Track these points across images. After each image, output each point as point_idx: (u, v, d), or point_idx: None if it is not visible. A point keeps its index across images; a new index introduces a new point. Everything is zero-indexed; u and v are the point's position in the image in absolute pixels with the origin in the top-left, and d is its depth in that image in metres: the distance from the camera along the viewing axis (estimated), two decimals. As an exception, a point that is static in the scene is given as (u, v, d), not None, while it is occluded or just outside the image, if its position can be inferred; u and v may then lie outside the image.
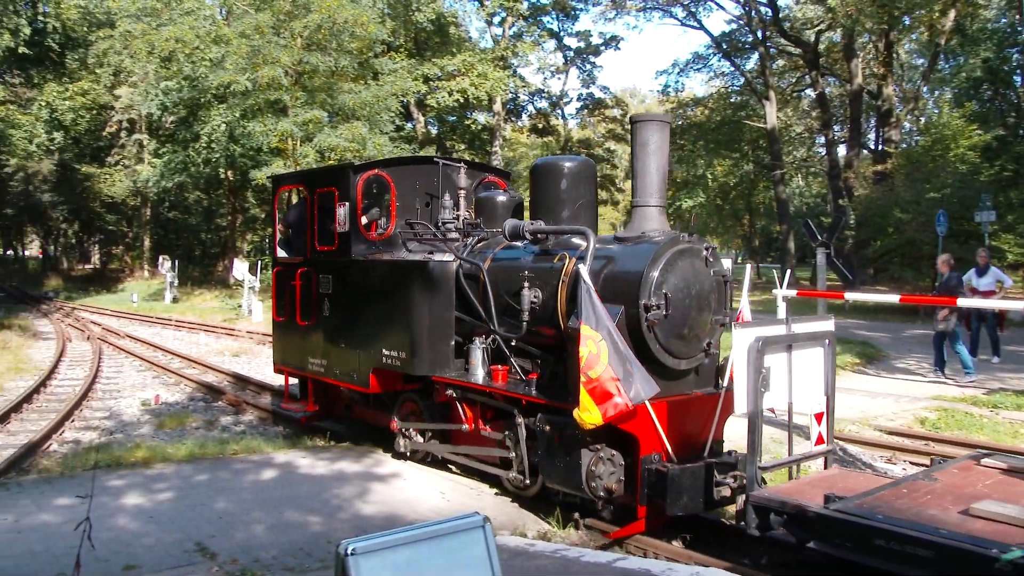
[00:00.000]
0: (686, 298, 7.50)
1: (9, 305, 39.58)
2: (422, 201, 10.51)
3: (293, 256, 11.51)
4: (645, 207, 7.99)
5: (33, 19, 50.36)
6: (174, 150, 42.98)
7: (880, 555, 4.98)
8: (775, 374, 6.52)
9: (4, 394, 16.38)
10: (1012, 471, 6.35)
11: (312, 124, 30.81)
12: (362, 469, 9.57)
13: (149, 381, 18.10)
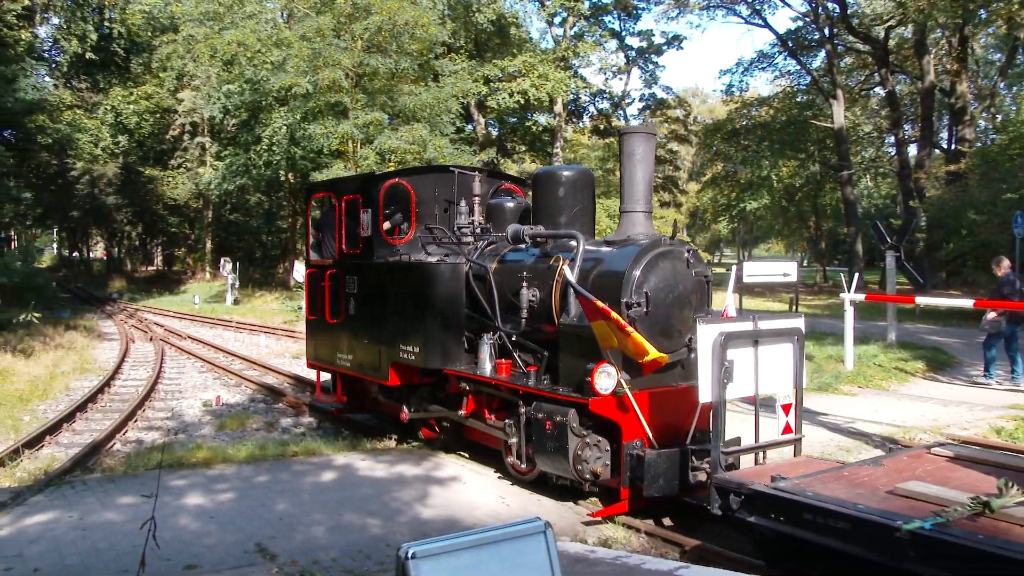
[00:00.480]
0: (667, 296, 8.33)
1: (75, 306, 40.53)
2: (441, 207, 11.36)
3: (323, 259, 12.44)
4: (632, 213, 8.90)
5: (100, 25, 51.70)
6: (235, 153, 43.60)
7: (809, 528, 5.64)
8: (740, 367, 7.12)
9: (69, 394, 16.80)
10: (956, 459, 6.87)
11: (372, 126, 31.06)
12: (421, 472, 9.62)
13: (210, 382, 18.42)
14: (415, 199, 11.20)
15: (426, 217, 11.26)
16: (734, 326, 7.26)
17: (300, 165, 38.22)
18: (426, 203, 11.27)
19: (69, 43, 50.27)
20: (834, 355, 17.97)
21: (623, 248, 8.60)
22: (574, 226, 9.52)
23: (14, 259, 25.05)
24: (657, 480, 7.72)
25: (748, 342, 7.26)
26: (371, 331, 11.14)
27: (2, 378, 16.96)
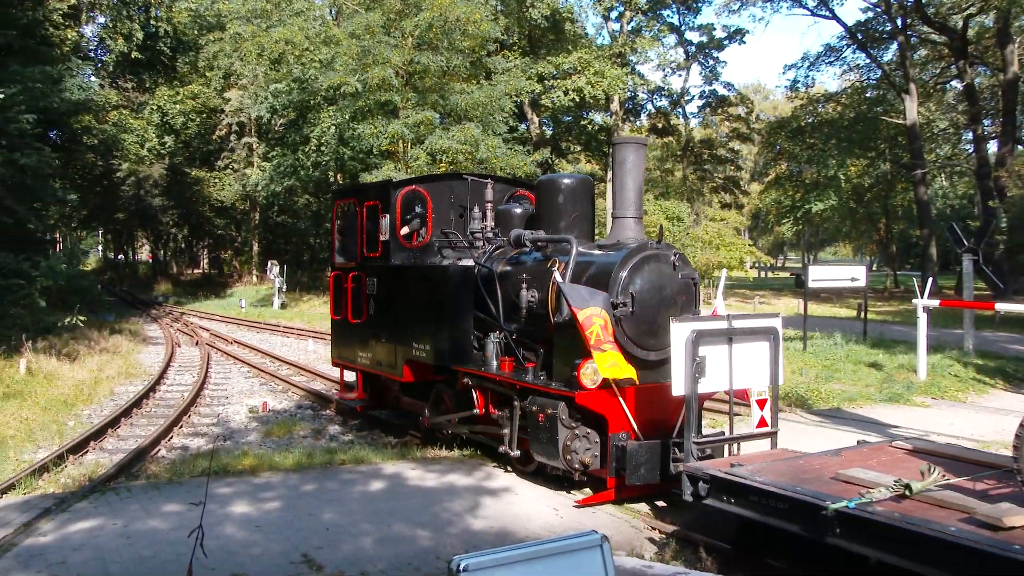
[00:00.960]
0: (652, 297, 9.09)
1: (120, 309, 41.29)
2: (456, 213, 12.32)
3: (347, 262, 13.50)
4: (623, 218, 9.72)
5: (146, 24, 52.71)
6: (283, 153, 44.00)
7: (755, 508, 6.52)
8: (713, 363, 7.92)
9: (114, 399, 17.11)
10: (913, 451, 7.62)
11: (423, 126, 31.21)
12: (473, 482, 9.63)
13: (257, 388, 18.64)
14: (431, 205, 12.10)
15: (442, 222, 12.17)
16: (707, 324, 8.05)
17: (349, 166, 38.47)
18: (442, 209, 12.20)
19: (115, 42, 51.40)
20: (906, 364, 17.66)
21: (611, 252, 9.44)
22: (573, 231, 10.41)
23: (59, 261, 25.53)
24: (639, 469, 8.50)
25: (722, 340, 8.07)
26: (388, 330, 12.12)
27: (47, 382, 17.32)
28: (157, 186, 62.36)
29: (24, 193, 27.47)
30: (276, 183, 43.32)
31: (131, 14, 51.38)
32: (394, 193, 11.95)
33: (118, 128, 50.46)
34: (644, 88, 53.23)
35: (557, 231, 10.46)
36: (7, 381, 16.72)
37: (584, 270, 9.41)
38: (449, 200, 12.31)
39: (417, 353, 11.35)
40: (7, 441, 12.47)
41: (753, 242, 62.28)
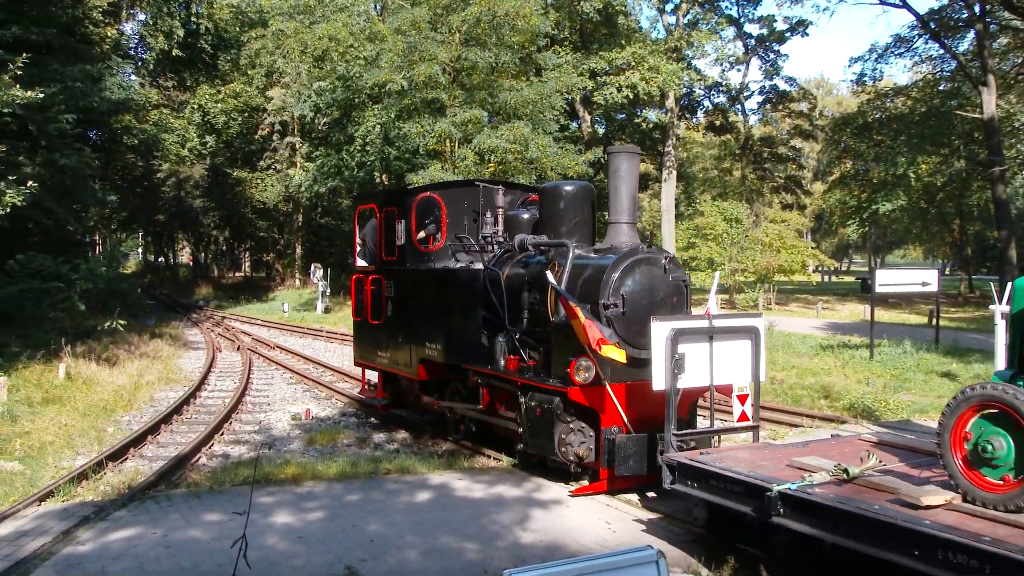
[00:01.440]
0: (643, 298, 9.94)
1: (160, 313, 41.84)
2: (470, 218, 13.17)
3: (367, 265, 14.65)
4: (618, 224, 10.62)
5: (186, 21, 53.39)
6: (327, 153, 44.31)
7: (714, 491, 7.50)
8: (694, 360, 8.71)
9: (154, 404, 17.35)
10: (879, 443, 8.42)
11: (471, 124, 31.24)
12: (522, 494, 9.62)
13: (300, 395, 18.80)
14: (445, 211, 12.98)
15: (456, 227, 13.08)
16: (687, 323, 8.90)
17: (395, 166, 38.62)
18: (455, 214, 13.09)
19: (155, 40, 52.15)
20: (982, 374, 17.34)
21: (604, 255, 10.34)
22: (574, 235, 11.31)
23: (99, 264, 25.94)
24: (627, 461, 9.32)
25: (703, 338, 8.87)
26: (404, 331, 13.25)
27: (86, 387, 17.61)
28: (198, 187, 63.15)
29: (64, 194, 27.99)
30: (320, 184, 43.61)
31: (172, 11, 52.07)
32: (409, 199, 13.08)
33: (158, 128, 51.12)
34: (701, 84, 52.92)
35: (559, 235, 11.32)
36: (46, 386, 17.04)
37: (580, 273, 10.32)
38: (463, 206, 13.16)
39: (430, 352, 12.42)
40: (46, 447, 12.71)
41: (816, 245, 61.59)
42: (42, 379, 17.62)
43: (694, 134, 68.09)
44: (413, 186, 13.65)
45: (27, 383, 17.05)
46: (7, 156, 19.55)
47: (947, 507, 6.13)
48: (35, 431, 13.35)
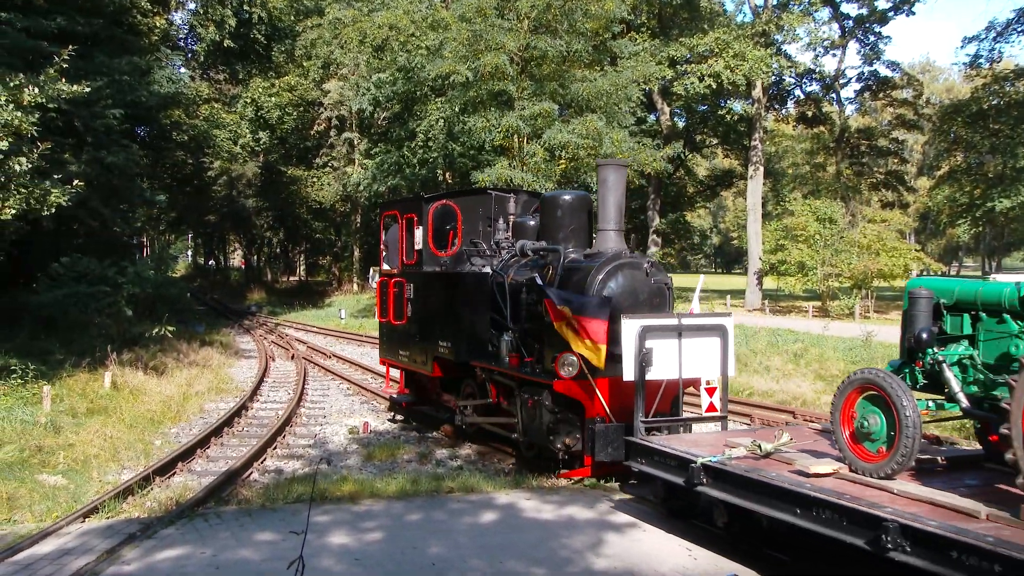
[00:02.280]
0: (625, 299, 11.51)
1: (210, 320, 42.39)
2: (484, 224, 15.09)
3: (391, 269, 16.49)
4: (605, 231, 12.35)
5: (239, 9, 54.01)
6: (387, 149, 44.52)
7: (656, 465, 9.19)
8: (663, 355, 10.24)
9: (204, 416, 17.60)
10: (820, 432, 9.64)
11: (541, 118, 31.16)
12: (595, 516, 9.55)
13: (357, 407, 18.93)
14: (460, 217, 14.81)
15: (471, 233, 14.96)
16: (655, 321, 10.41)
17: (459, 163, 38.73)
18: (470, 221, 14.98)
19: (206, 30, 52.96)
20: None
21: (590, 260, 11.99)
22: (571, 241, 12.97)
23: (147, 267, 26.41)
24: (607, 448, 10.78)
25: (672, 335, 10.37)
26: (421, 330, 15.09)
27: (133, 397, 17.90)
28: (251, 186, 63.96)
29: (110, 194, 28.48)
30: (379, 182, 43.76)
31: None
32: (426, 207, 14.83)
33: (209, 123, 51.68)
34: (791, 71, 52.15)
35: (556, 241, 13.00)
36: (91, 396, 17.34)
37: (569, 276, 12.06)
38: (477, 213, 15.07)
39: (442, 350, 14.26)
40: (90, 460, 12.94)
41: (920, 247, 60.33)
42: (87, 388, 17.93)
43: (783, 126, 67.26)
44: (430, 194, 15.15)
45: (71, 392, 17.37)
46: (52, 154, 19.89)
47: (836, 476, 7.68)
48: (79, 443, 13.60)
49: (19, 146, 16.85)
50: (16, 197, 16.78)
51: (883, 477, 7.36)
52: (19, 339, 22.38)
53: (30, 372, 17.49)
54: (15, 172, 16.61)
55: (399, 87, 39.48)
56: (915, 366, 7.95)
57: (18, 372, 17.26)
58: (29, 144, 17.25)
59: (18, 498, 10.65)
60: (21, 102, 16.33)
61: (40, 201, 17.47)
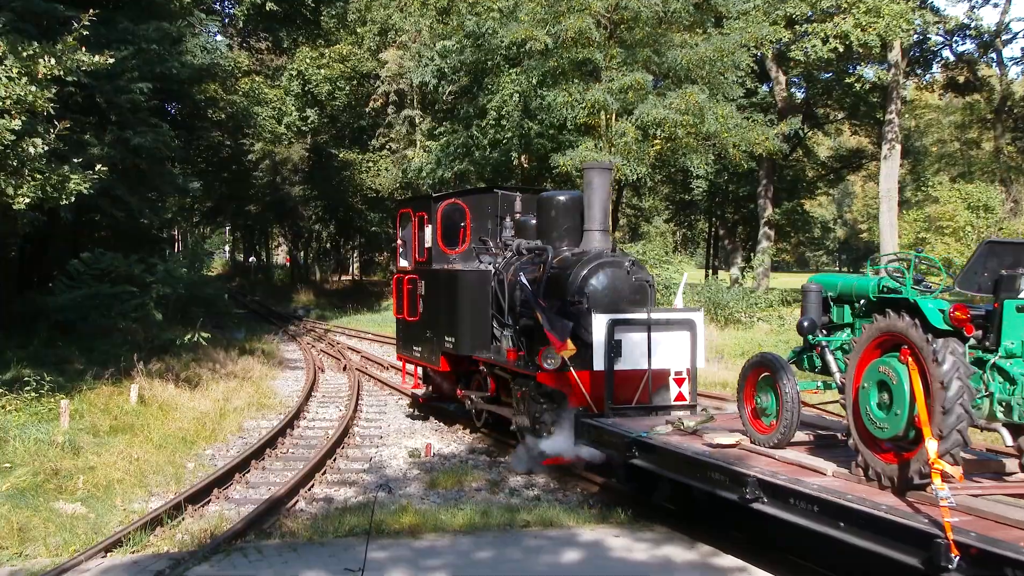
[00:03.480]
0: (606, 296, 14.15)
1: (251, 324, 42.75)
2: (493, 222, 17.92)
3: (406, 266, 19.42)
4: (591, 231, 15.03)
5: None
6: (453, 129, 44.36)
7: (602, 443, 11.95)
8: (632, 347, 13.30)
9: (243, 435, 17.79)
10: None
11: (632, 91, 30.96)
12: (696, 558, 9.50)
13: (419, 426, 19.04)
14: (469, 216, 17.80)
15: (480, 231, 17.90)
16: (625, 315, 13.53)
17: (536, 145, 38.54)
18: (479, 219, 17.92)
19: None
20: None
21: (575, 259, 14.70)
22: (564, 240, 15.64)
23: (179, 265, 26.83)
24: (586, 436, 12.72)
25: (641, 328, 13.46)
26: (431, 326, 17.88)
27: (163, 414, 18.14)
28: (297, 171, 64.41)
29: (137, 180, 28.92)
30: (444, 167, 43.56)
31: (266, -46, 52.99)
32: (435, 206, 17.65)
33: (250, 99, 52.04)
34: (939, 28, 50.70)
35: (551, 241, 15.75)
36: (115, 411, 17.62)
37: (555, 274, 14.74)
38: (486, 211, 17.95)
39: (448, 345, 17.04)
40: (114, 486, 13.12)
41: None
42: (110, 403, 18.21)
43: (927, 95, 65.70)
44: (439, 194, 18.38)
45: (92, 407, 17.67)
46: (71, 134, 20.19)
47: (739, 447, 10.34)
48: (101, 466, 13.79)
49: (34, 125, 17.09)
50: (31, 184, 16.95)
51: (772, 446, 10.03)
52: (33, 346, 22.79)
53: (46, 384, 17.62)
54: (29, 155, 16.76)
55: (467, 56, 39.36)
56: (814, 352, 10.33)
57: (32, 384, 17.40)
58: (45, 123, 17.51)
59: (31, 529, 10.81)
60: (36, 74, 16.47)
61: (58, 188, 17.66)
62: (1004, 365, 8.32)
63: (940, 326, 7.92)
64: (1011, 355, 8.37)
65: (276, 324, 46.82)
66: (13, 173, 16.85)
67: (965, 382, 7.79)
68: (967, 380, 7.82)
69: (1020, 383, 8.19)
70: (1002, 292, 8.50)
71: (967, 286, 9.04)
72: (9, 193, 16.68)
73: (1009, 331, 8.36)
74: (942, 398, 7.75)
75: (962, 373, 7.78)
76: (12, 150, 16.49)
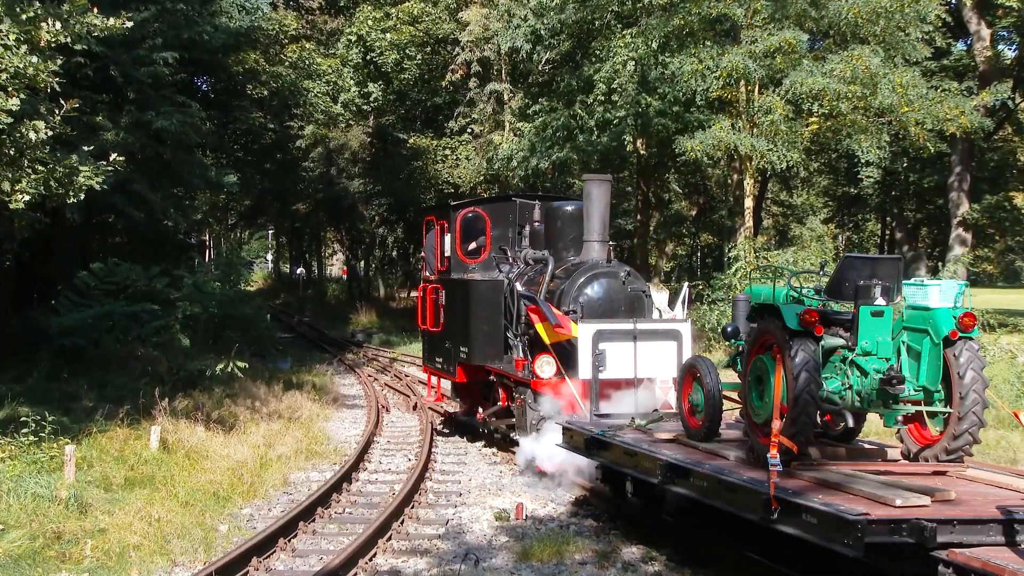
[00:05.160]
0: (600, 306, 18.59)
1: (299, 351, 43.04)
2: (514, 231, 21.80)
3: (430, 275, 23.64)
4: (590, 242, 19.45)
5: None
6: (551, 107, 44.18)
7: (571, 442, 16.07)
8: (618, 357, 16.91)
9: (288, 490, 17.89)
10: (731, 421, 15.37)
11: (782, 55, 30.62)
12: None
13: (507, 480, 19.03)
14: (489, 224, 21.70)
15: (501, 240, 21.82)
16: (609, 325, 17.30)
17: (656, 126, 38.33)
18: (500, 227, 21.85)
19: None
20: None
21: (572, 269, 19.06)
22: (570, 250, 20.14)
23: (210, 278, 27.03)
24: None
25: (627, 338, 16.91)
26: (449, 336, 21.94)
27: (189, 463, 18.24)
28: (357, 161, 64.64)
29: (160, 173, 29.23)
30: (540, 155, 43.34)
31: None
32: (453, 214, 21.54)
33: (299, 72, 52.41)
34: None
35: (558, 250, 20.20)
36: (132, 460, 17.75)
37: (554, 284, 19.12)
38: (507, 219, 21.78)
39: (463, 355, 21.02)
40: (128, 553, 13.20)
41: None
42: (126, 449, 18.38)
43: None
44: (457, 202, 22.16)
45: (104, 455, 17.85)
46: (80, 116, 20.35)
47: (676, 441, 13.96)
48: (114, 528, 13.89)
49: (35, 105, 17.25)
50: (31, 178, 16.95)
51: (700, 439, 13.57)
52: (33, 379, 23.03)
53: (47, 426, 17.45)
54: (29, 142, 16.81)
55: (569, 15, 39.30)
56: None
57: (31, 426, 17.27)
58: (48, 102, 17.70)
59: (28, 608, 10.91)
60: (38, 42, 16.51)
61: (64, 183, 17.72)
62: (860, 361, 11.88)
63: (795, 327, 11.26)
64: (866, 352, 11.90)
65: (330, 352, 47.17)
66: (10, 164, 16.85)
67: (812, 374, 11.20)
68: (814, 372, 11.23)
69: (870, 376, 11.72)
70: (860, 300, 11.94)
71: (834, 295, 12.51)
72: (4, 189, 16.68)
73: (864, 333, 11.94)
74: (793, 387, 11.17)
75: (810, 367, 11.20)
76: (9, 136, 16.49)
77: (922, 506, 9.76)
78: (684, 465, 12.30)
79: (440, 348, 22.48)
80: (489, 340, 20.32)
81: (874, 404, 11.87)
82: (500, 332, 20.35)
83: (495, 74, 54.24)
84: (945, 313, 11.72)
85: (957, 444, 11.76)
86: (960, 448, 11.79)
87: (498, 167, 48.69)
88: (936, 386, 11.85)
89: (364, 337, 55.31)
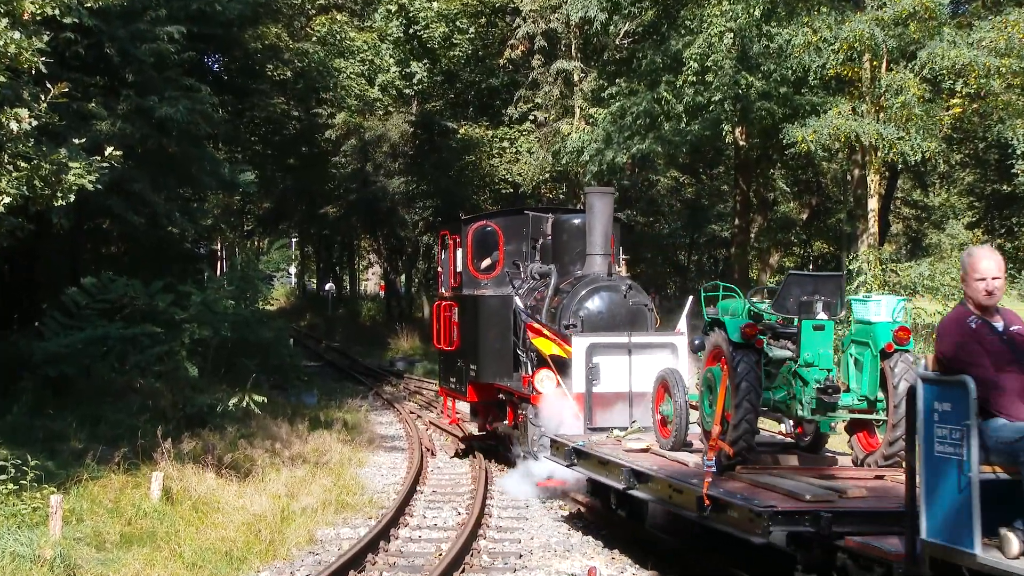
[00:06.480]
0: (601, 320, 22.02)
1: (328, 383, 43.15)
2: (528, 245, 24.90)
3: (445, 291, 27.68)
4: (592, 255, 22.82)
5: None
6: (631, 90, 43.87)
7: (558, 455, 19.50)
8: (613, 370, 20.67)
9: (315, 550, 17.90)
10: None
11: (916, 22, 30.30)
12: None
13: (577, 540, 18.95)
14: (502, 238, 25.03)
15: (513, 254, 25.06)
16: (602, 338, 20.92)
17: (759, 111, 38.14)
18: (513, 242, 25.17)
19: None
20: None
21: (573, 283, 22.22)
22: (574, 265, 23.12)
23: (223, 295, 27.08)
24: None
25: (622, 351, 20.42)
26: (462, 354, 25.17)
27: (197, 516, 18.28)
28: (397, 156, 64.56)
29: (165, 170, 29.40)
30: (617, 148, 43.09)
31: None
32: (465, 229, 24.90)
33: (328, 48, 52.64)
34: None
35: (563, 264, 23.34)
36: (129, 512, 17.77)
37: (556, 298, 22.00)
38: (521, 233, 25.00)
39: (473, 373, 24.24)
40: (125, 625, 13.25)
41: None
42: (122, 499, 18.42)
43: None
44: (469, 216, 24.21)
45: (96, 506, 17.88)
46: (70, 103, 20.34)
47: (650, 451, 16.83)
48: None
49: (17, 90, 17.38)
50: (11, 176, 16.89)
51: (670, 449, 16.30)
52: (13, 415, 23.08)
53: (29, 471, 17.40)
54: (10, 133, 16.81)
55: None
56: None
57: (10, 472, 17.17)
58: (33, 87, 17.79)
59: None
60: (21, 15, 16.46)
61: (51, 183, 17.72)
62: (802, 372, 14.23)
63: (738, 340, 13.87)
64: (808, 364, 14.21)
65: (364, 383, 47.32)
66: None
67: (752, 383, 13.76)
68: (754, 382, 13.80)
69: (810, 386, 14.01)
70: (802, 314, 14.41)
71: (779, 310, 14.83)
72: (-20, 190, 16.80)
73: (807, 345, 14.32)
74: (735, 395, 13.74)
75: (751, 377, 13.76)
76: (-14, 126, 16.59)
77: (827, 501, 12.19)
78: (643, 471, 15.34)
79: (453, 367, 26.10)
80: (499, 357, 23.77)
81: (816, 412, 14.24)
82: (510, 348, 23.70)
83: (563, 50, 54.17)
84: (883, 327, 14.31)
85: (892, 450, 14.27)
86: (895, 454, 14.21)
87: (566, 162, 48.39)
88: (875, 395, 14.40)
89: (405, 366, 55.48)
